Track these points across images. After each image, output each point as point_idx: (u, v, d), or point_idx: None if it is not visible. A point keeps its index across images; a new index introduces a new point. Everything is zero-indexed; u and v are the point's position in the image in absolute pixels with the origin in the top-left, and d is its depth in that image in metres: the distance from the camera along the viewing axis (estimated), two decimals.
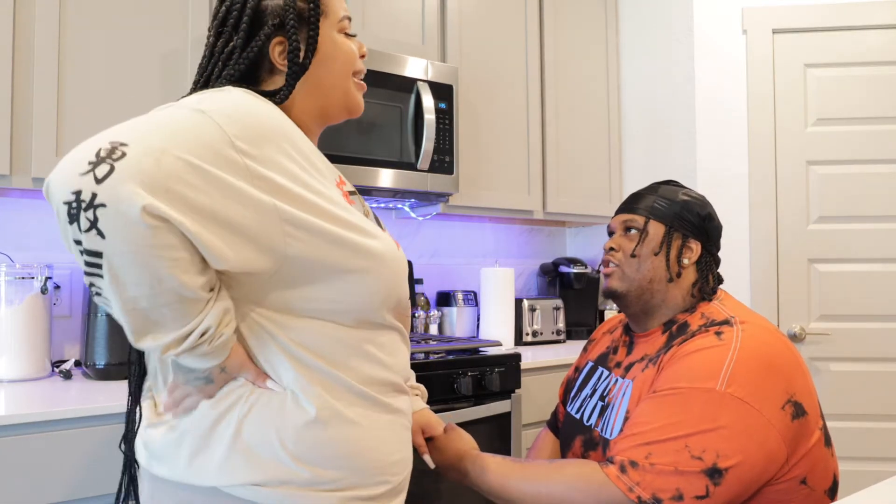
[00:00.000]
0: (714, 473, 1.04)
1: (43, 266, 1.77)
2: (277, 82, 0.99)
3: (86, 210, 0.75)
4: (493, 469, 1.19)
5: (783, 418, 1.08)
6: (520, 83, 2.65)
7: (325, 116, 1.03)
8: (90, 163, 0.75)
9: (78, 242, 0.77)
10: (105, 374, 1.75)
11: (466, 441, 1.26)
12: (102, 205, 0.74)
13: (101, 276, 0.78)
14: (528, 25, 2.68)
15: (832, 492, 1.15)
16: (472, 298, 2.73)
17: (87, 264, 0.78)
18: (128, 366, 1.01)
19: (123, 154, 0.76)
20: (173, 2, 1.87)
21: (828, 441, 1.16)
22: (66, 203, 0.76)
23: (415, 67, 2.24)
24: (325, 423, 0.87)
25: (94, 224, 0.75)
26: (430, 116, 2.20)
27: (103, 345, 1.75)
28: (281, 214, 0.84)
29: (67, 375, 1.76)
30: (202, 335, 0.82)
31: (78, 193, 0.75)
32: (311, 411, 0.87)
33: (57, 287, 1.88)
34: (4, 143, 1.61)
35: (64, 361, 1.91)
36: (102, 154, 0.75)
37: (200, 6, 1.91)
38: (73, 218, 0.75)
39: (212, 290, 0.83)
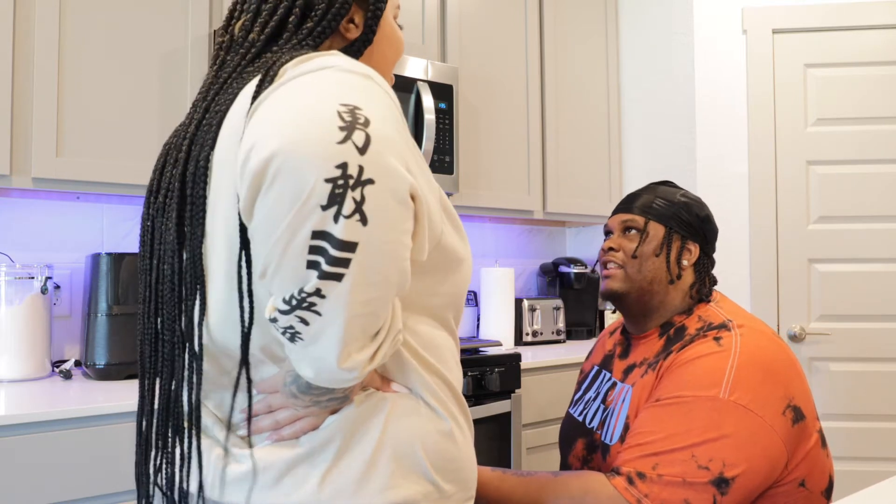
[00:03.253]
0: (721, 483, 1.05)
1: (43, 266, 1.77)
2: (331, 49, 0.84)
3: (353, 188, 0.58)
4: (495, 485, 1.17)
5: (784, 424, 1.09)
6: (520, 83, 2.65)
7: None
8: (341, 128, 0.59)
9: (320, 236, 0.59)
10: (105, 374, 1.75)
11: None
12: (370, 181, 0.59)
13: (337, 281, 0.59)
14: (528, 25, 2.68)
15: (828, 493, 1.16)
16: (472, 298, 2.73)
17: (332, 261, 0.59)
18: (189, 375, 0.73)
19: (367, 119, 0.60)
20: (173, 2, 1.87)
21: (823, 442, 1.17)
22: (329, 181, 0.58)
23: (415, 67, 2.23)
24: (452, 432, 0.78)
25: (359, 206, 0.58)
26: (429, 116, 2.20)
27: (103, 345, 1.75)
28: (441, 197, 0.73)
29: (67, 375, 1.76)
30: (394, 338, 0.68)
31: (344, 167, 0.58)
32: (445, 417, 0.78)
33: (57, 287, 1.88)
34: (4, 143, 1.61)
35: (64, 361, 1.91)
36: (347, 118, 0.59)
37: (200, 6, 1.91)
38: (336, 200, 0.58)
39: None
